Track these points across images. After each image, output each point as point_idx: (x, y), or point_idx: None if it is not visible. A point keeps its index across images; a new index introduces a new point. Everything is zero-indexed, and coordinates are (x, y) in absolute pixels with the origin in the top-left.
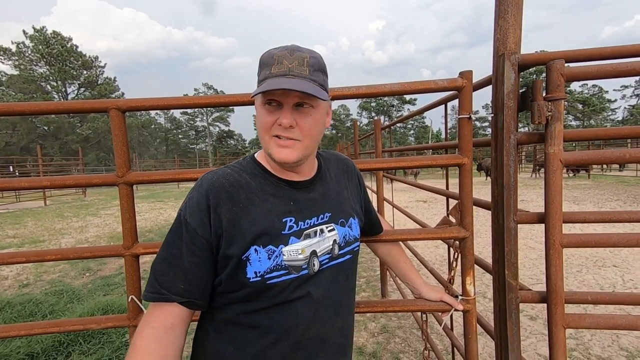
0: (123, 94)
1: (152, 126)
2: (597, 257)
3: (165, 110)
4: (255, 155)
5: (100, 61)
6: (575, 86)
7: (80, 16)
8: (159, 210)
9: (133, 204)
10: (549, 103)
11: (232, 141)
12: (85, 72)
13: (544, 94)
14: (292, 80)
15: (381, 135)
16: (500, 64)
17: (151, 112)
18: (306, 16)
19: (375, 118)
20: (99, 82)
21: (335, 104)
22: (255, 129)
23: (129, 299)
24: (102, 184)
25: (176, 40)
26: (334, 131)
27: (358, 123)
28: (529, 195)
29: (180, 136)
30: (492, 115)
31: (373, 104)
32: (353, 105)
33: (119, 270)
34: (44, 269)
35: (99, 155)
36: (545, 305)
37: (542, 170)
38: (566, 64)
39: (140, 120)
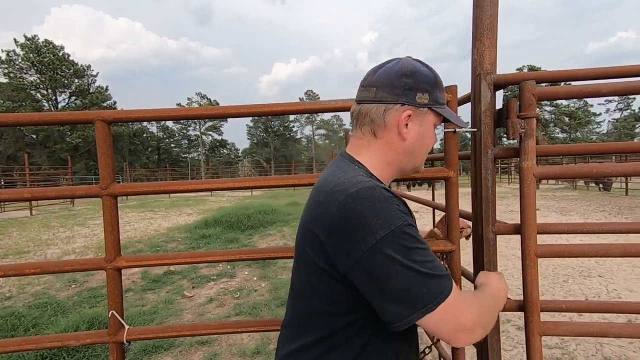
0: (115, 102)
1: (144, 135)
2: (583, 268)
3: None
4: (363, 172)
5: (92, 70)
6: (561, 100)
7: (75, 25)
8: (149, 220)
9: (117, 216)
10: (522, 120)
11: (225, 150)
12: (76, 80)
13: (518, 112)
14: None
15: None
16: (478, 83)
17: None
18: (302, 27)
19: None
20: (91, 90)
21: (329, 115)
22: (248, 139)
23: (110, 314)
24: (85, 195)
25: (170, 49)
26: (327, 141)
27: (350, 133)
28: (517, 206)
29: (172, 145)
30: (474, 130)
31: None
32: (346, 115)
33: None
34: (27, 280)
35: (89, 164)
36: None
37: None
38: (542, 84)
39: (131, 129)
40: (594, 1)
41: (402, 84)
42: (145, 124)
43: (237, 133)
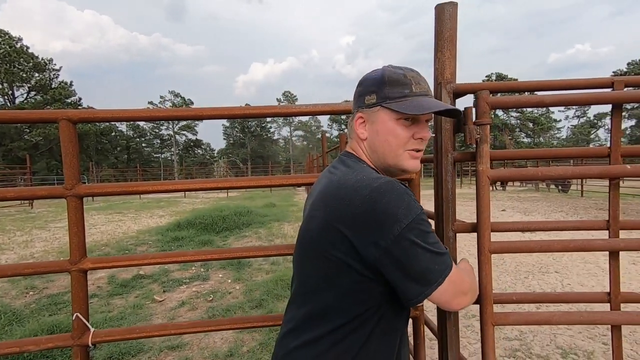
0: (80, 99)
1: (113, 133)
2: (541, 264)
3: None
4: (372, 169)
5: (54, 64)
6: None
7: (34, 16)
8: (117, 223)
9: (82, 217)
10: (478, 127)
11: (199, 151)
12: (36, 74)
13: (474, 119)
14: (435, 100)
15: None
16: (439, 91)
17: None
18: (279, 28)
19: (345, 130)
20: (53, 85)
21: (307, 116)
22: (224, 139)
23: (74, 317)
24: (48, 196)
25: (142, 45)
26: (305, 142)
27: (329, 135)
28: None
29: (143, 144)
30: (433, 135)
31: (343, 117)
32: (324, 117)
33: (69, 288)
34: None
35: (50, 164)
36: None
37: (497, 184)
38: (498, 93)
39: (98, 127)
40: (554, 15)
41: (357, 94)
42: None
43: (212, 133)
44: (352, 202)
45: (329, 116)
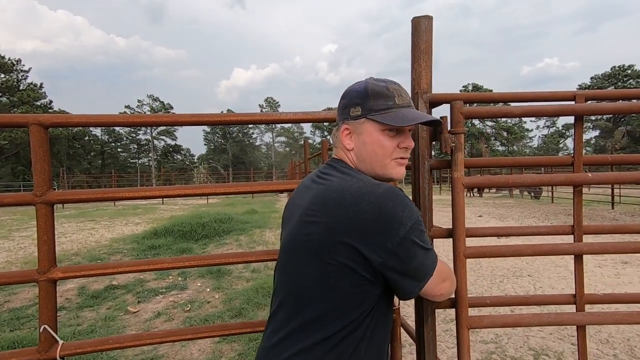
0: (51, 102)
1: (86, 138)
2: (516, 268)
3: None
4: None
5: (23, 64)
6: (483, 118)
7: (1, 14)
8: (90, 231)
9: (52, 225)
10: (453, 136)
11: (179, 156)
12: (2, 75)
13: (449, 128)
14: (418, 112)
15: (327, 155)
16: (415, 101)
17: None
18: (261, 34)
19: (328, 137)
20: (21, 87)
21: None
22: (205, 144)
23: (42, 329)
24: (16, 203)
25: (119, 47)
26: (287, 148)
27: (311, 141)
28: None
29: (119, 150)
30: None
31: (326, 123)
32: (306, 123)
33: (34, 301)
34: None
35: (16, 169)
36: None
37: (474, 190)
38: (471, 104)
39: (70, 132)
40: (524, 31)
41: (341, 106)
42: None
43: (192, 138)
44: (360, 208)
45: (311, 124)
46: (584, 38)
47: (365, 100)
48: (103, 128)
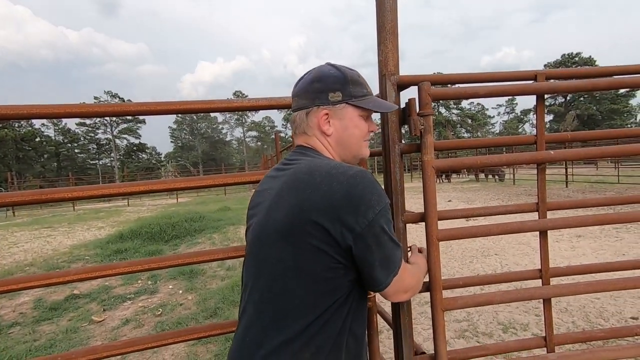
0: None
1: (37, 139)
2: (484, 248)
3: (55, 121)
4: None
5: None
6: (465, 104)
7: None
8: (46, 239)
9: None
10: (421, 118)
11: (144, 155)
12: None
13: (417, 111)
14: (386, 101)
15: None
16: (383, 83)
17: (35, 123)
18: (225, 25)
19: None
20: None
21: (260, 115)
22: (172, 142)
23: None
24: None
25: (69, 41)
26: (259, 143)
27: (283, 135)
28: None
29: (76, 150)
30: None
31: None
32: (278, 117)
33: None
34: None
35: None
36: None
37: (443, 176)
38: (435, 86)
39: (18, 133)
40: (482, 22)
41: (314, 89)
42: (38, 126)
43: (158, 136)
44: (331, 188)
45: (282, 116)
46: (539, 27)
47: (344, 86)
48: (56, 128)
